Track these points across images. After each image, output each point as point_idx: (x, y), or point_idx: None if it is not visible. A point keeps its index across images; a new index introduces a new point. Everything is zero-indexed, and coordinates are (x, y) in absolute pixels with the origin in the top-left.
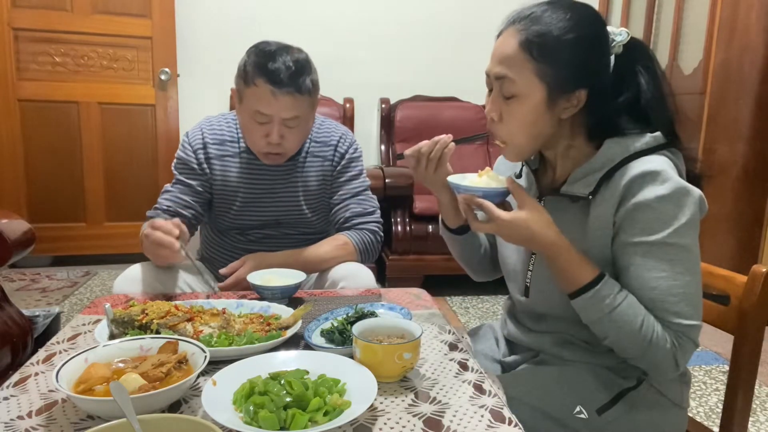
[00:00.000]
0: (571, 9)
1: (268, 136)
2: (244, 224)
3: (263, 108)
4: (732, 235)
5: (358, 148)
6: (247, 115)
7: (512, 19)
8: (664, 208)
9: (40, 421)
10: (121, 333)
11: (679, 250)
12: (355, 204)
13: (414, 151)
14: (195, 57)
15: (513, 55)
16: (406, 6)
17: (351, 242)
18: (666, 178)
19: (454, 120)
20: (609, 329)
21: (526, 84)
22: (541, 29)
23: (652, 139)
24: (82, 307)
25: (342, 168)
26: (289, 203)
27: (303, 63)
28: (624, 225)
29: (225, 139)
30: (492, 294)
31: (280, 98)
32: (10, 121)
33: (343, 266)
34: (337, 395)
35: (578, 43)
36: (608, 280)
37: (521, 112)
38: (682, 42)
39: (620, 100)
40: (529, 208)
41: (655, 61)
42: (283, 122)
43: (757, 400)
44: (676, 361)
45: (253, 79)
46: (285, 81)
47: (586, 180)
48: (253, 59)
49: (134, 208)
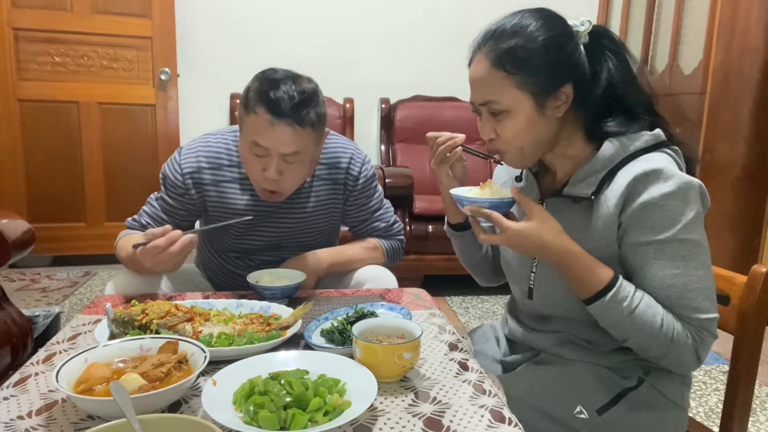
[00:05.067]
0: (530, 15)
1: (265, 170)
2: (244, 248)
3: (260, 139)
4: (732, 235)
5: (371, 166)
6: (246, 146)
7: (477, 44)
8: (671, 205)
9: (40, 421)
10: (121, 333)
11: (690, 245)
12: (377, 220)
13: (432, 136)
14: (195, 57)
15: (488, 78)
16: (406, 6)
17: (381, 247)
18: (669, 175)
19: (454, 120)
20: (630, 331)
21: (510, 99)
22: (508, 44)
23: (652, 137)
24: (82, 307)
25: (360, 190)
26: (293, 227)
27: (309, 94)
28: (632, 225)
29: (223, 164)
30: (492, 294)
31: (279, 129)
32: (10, 121)
33: (369, 268)
34: (337, 395)
35: (548, 45)
36: (623, 282)
37: (515, 125)
38: (682, 42)
39: (598, 89)
40: (539, 216)
41: (622, 45)
42: (281, 157)
43: (757, 400)
44: (698, 355)
45: (254, 107)
46: (285, 111)
47: (587, 181)
48: (257, 86)
49: (134, 208)
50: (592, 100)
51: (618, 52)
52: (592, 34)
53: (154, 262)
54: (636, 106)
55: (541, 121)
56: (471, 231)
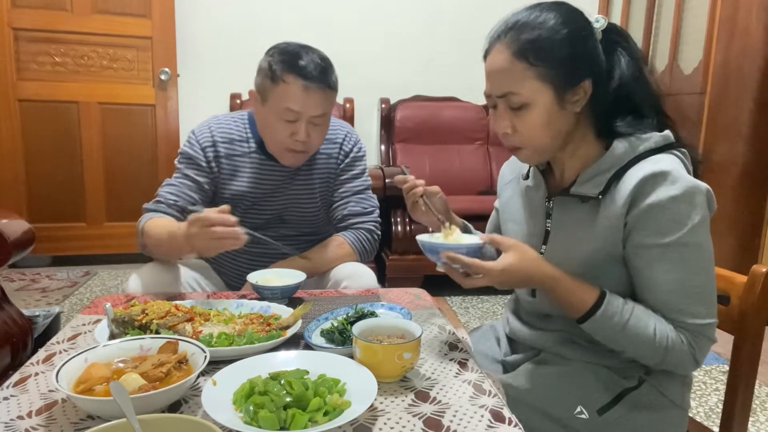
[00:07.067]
0: (552, 8)
1: (294, 134)
2: (251, 223)
3: (294, 104)
4: (732, 235)
5: (362, 147)
6: (273, 114)
7: (495, 34)
8: (678, 209)
9: (40, 421)
10: (121, 333)
11: (693, 249)
12: (354, 203)
13: (400, 180)
14: (195, 57)
15: (510, 68)
16: (406, 6)
17: (347, 242)
18: (677, 178)
19: (454, 120)
20: (625, 344)
21: (531, 91)
22: (531, 35)
23: (661, 138)
24: (82, 307)
25: (345, 166)
26: (295, 200)
27: (328, 60)
28: (637, 226)
29: (234, 138)
30: (492, 294)
31: (312, 94)
32: (10, 121)
33: (345, 266)
34: (337, 395)
35: (572, 38)
36: (610, 298)
37: (535, 118)
38: (682, 42)
39: (611, 86)
40: (515, 250)
41: (632, 42)
42: (310, 120)
43: (757, 400)
44: (695, 359)
45: (282, 76)
46: (316, 76)
47: (595, 180)
48: (280, 57)
49: (134, 208)
50: (604, 98)
51: (629, 50)
52: (605, 30)
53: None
54: (645, 105)
55: (560, 116)
56: None
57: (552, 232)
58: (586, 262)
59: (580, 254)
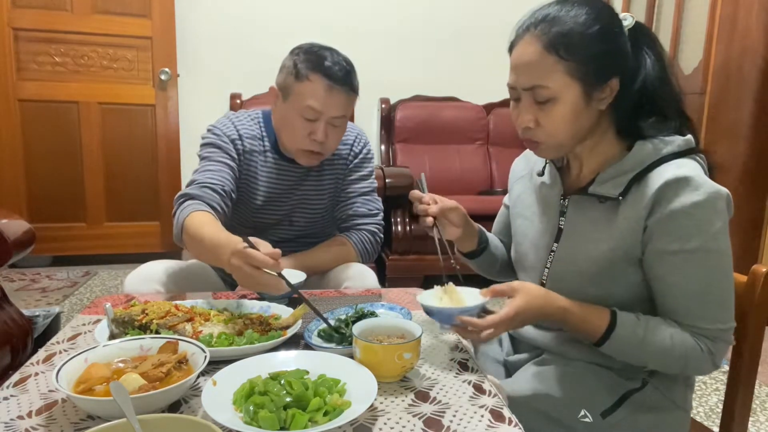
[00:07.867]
0: (586, 3)
1: (312, 133)
2: (260, 223)
3: (316, 103)
4: (732, 235)
5: (371, 150)
6: (294, 111)
7: (524, 26)
8: (701, 215)
9: (40, 421)
10: (121, 333)
11: (716, 255)
12: (360, 204)
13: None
14: (195, 57)
15: (539, 61)
16: (406, 6)
17: (350, 242)
18: (700, 184)
19: (454, 120)
20: (646, 359)
21: (560, 86)
22: (563, 29)
23: (684, 142)
24: (82, 307)
25: (354, 167)
26: (305, 201)
27: (352, 64)
28: (659, 232)
29: (253, 135)
30: None
31: (335, 95)
32: (10, 121)
33: (347, 267)
34: (337, 395)
35: (603, 35)
36: (622, 318)
37: (560, 113)
38: (682, 42)
39: (636, 85)
40: (521, 291)
41: (658, 43)
42: (330, 120)
43: (757, 400)
44: (714, 362)
45: (307, 75)
46: (341, 78)
47: (615, 181)
48: (305, 57)
49: (134, 208)
50: (629, 97)
51: (655, 50)
52: (631, 29)
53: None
54: (668, 106)
55: (585, 112)
56: (486, 254)
57: (565, 230)
58: (600, 261)
59: (595, 254)
